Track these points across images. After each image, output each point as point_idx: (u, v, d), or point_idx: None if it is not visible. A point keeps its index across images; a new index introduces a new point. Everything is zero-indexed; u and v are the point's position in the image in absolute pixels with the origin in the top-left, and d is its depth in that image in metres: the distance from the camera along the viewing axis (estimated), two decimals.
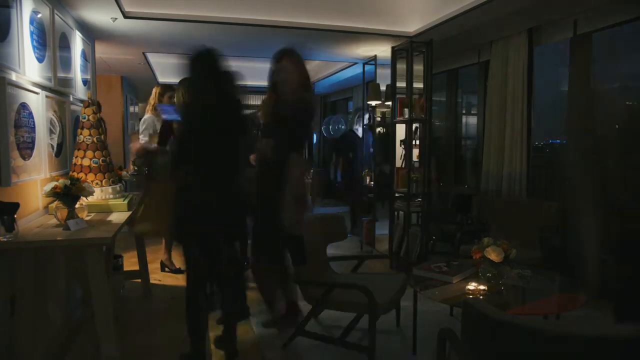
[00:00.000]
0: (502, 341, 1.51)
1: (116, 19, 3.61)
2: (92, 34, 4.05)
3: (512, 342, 1.48)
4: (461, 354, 1.71)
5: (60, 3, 3.13)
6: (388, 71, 4.71)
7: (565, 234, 3.85)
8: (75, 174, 2.83)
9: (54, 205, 2.46)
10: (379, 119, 5.26)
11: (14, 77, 2.29)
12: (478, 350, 1.62)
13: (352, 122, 7.17)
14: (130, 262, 4.31)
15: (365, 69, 5.46)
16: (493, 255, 2.46)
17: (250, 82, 7.64)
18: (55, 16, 2.96)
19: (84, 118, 2.94)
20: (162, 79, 7.36)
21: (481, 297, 2.39)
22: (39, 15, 2.68)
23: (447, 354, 1.98)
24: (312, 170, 5.62)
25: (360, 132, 6.01)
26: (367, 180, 5.19)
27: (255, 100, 9.97)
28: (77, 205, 2.44)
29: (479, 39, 4.59)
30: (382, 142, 5.43)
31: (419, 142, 4.61)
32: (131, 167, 5.02)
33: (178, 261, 4.22)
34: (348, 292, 2.60)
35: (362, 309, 2.56)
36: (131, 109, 7.79)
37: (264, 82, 2.74)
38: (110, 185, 2.96)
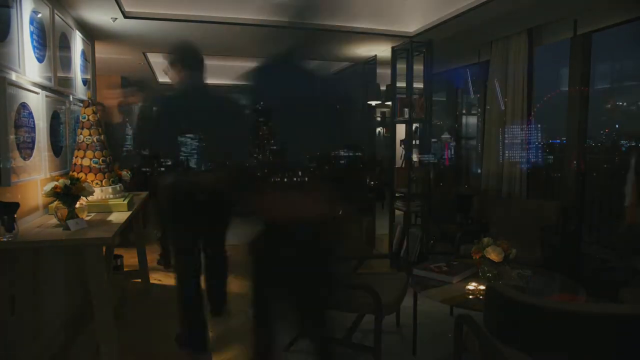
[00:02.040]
0: (528, 324, 1.53)
1: (116, 19, 3.61)
2: (92, 34, 4.05)
3: (539, 324, 1.50)
4: (482, 339, 1.72)
5: (60, 3, 3.13)
6: (388, 71, 4.71)
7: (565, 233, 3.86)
8: (75, 174, 2.83)
9: (54, 205, 2.46)
10: (379, 119, 5.26)
11: (14, 77, 2.29)
12: (501, 335, 1.62)
13: None
14: (130, 263, 4.31)
15: (366, 69, 5.47)
16: (493, 255, 2.46)
17: None
18: (55, 16, 2.95)
19: (84, 118, 2.94)
20: (163, 79, 7.35)
21: (481, 297, 2.39)
22: (39, 15, 2.68)
23: (463, 340, 1.99)
24: None
25: None
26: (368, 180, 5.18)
27: None
28: (77, 205, 2.44)
29: (479, 39, 4.58)
30: None
31: (419, 142, 4.61)
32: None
33: None
34: (351, 292, 2.59)
35: (366, 309, 2.54)
36: None
37: None
38: (110, 185, 2.96)
